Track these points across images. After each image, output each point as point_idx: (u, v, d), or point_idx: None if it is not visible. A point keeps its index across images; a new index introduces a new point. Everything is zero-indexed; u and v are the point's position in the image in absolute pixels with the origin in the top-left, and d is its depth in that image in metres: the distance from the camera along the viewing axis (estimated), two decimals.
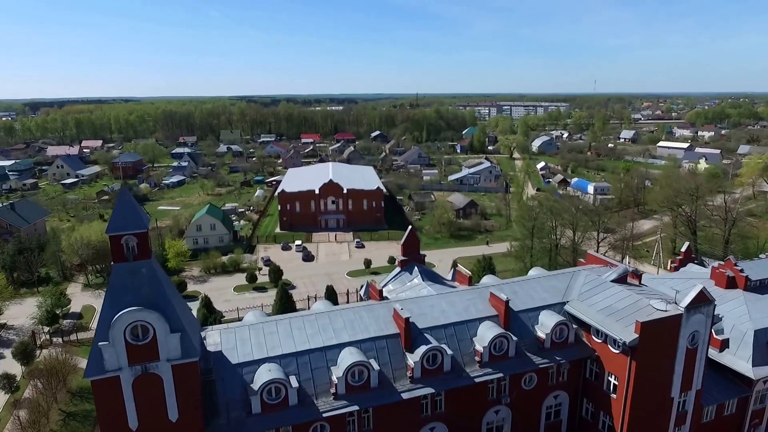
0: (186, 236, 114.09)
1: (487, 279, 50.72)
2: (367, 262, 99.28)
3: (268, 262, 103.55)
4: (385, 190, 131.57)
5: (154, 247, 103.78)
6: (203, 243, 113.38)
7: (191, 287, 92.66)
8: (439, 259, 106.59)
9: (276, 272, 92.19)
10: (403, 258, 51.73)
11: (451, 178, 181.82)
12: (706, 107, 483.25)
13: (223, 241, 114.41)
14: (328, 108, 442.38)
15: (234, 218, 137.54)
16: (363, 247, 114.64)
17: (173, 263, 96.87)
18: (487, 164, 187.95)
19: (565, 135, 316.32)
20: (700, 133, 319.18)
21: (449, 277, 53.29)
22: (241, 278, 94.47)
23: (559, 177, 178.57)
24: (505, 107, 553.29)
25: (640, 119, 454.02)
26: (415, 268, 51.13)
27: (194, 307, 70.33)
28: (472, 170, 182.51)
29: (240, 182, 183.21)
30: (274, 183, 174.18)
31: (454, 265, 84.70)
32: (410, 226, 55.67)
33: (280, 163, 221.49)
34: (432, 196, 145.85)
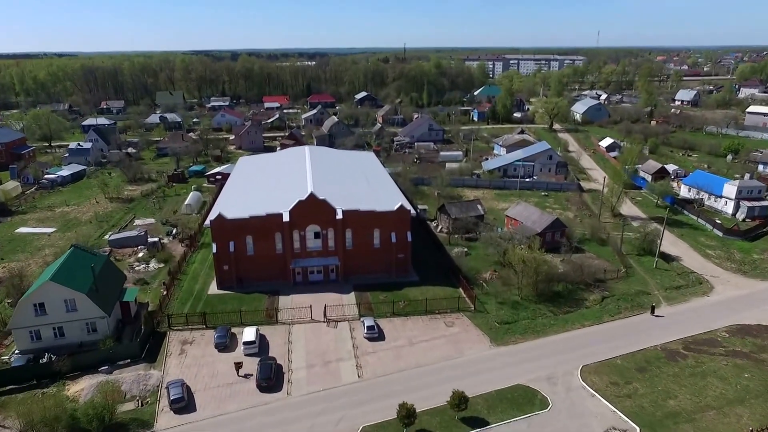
0: (12, 327, 54.45)
1: None
2: (406, 414, 42.64)
3: (180, 400, 46.43)
4: (411, 208, 72.00)
5: None
6: (53, 338, 54.65)
7: None
8: (548, 375, 51.24)
9: None
10: None
11: (489, 166, 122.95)
12: (732, 62, 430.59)
13: (96, 332, 55.57)
14: (298, 63, 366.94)
15: (140, 255, 77.52)
16: (380, 337, 57.78)
17: None
18: (543, 145, 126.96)
19: (603, 96, 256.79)
20: None
21: None
22: None
23: (652, 164, 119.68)
24: (513, 62, 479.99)
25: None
26: None
27: None
28: (520, 153, 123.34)
29: (167, 175, 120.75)
30: (219, 177, 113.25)
31: None
32: None
33: (233, 141, 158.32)
34: (479, 207, 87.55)
